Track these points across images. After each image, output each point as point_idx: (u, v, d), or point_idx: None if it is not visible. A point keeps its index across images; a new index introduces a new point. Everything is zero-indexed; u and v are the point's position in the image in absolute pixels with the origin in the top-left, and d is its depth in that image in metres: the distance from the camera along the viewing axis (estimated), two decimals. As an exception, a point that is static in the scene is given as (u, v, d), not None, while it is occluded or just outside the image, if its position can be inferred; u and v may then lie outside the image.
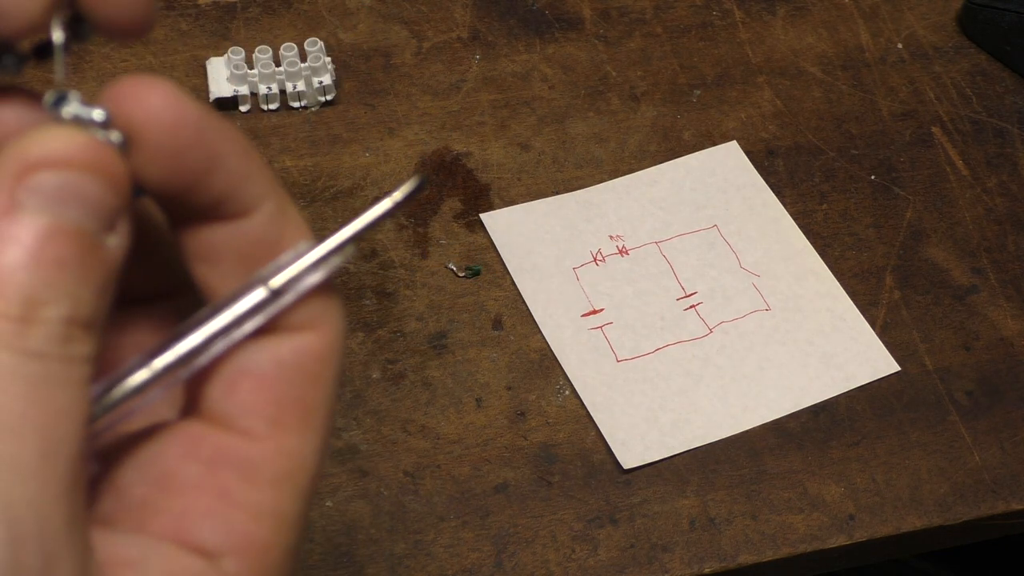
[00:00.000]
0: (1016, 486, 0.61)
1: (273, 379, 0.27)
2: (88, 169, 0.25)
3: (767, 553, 0.58)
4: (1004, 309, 0.67)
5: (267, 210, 0.27)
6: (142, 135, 0.26)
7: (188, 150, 0.26)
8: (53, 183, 0.24)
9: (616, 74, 0.76)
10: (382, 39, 0.76)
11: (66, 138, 0.24)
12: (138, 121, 0.25)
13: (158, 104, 0.26)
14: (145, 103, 0.26)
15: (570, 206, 0.69)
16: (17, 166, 0.24)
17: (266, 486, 0.27)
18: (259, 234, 0.28)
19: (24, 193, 0.24)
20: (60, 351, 0.24)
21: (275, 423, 0.27)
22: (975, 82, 0.77)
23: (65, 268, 0.24)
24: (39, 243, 0.24)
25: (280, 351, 0.27)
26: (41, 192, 0.24)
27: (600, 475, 0.60)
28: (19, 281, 0.23)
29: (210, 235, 0.27)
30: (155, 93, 0.26)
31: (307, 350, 0.28)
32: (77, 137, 0.25)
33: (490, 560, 0.57)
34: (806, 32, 0.79)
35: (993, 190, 0.72)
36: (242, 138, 0.27)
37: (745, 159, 0.72)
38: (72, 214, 0.24)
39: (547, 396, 0.62)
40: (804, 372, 0.64)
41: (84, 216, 0.24)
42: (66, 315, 0.24)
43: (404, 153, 0.71)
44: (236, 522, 0.27)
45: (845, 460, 0.61)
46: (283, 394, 0.27)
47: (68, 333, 0.24)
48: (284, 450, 0.27)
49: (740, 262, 0.68)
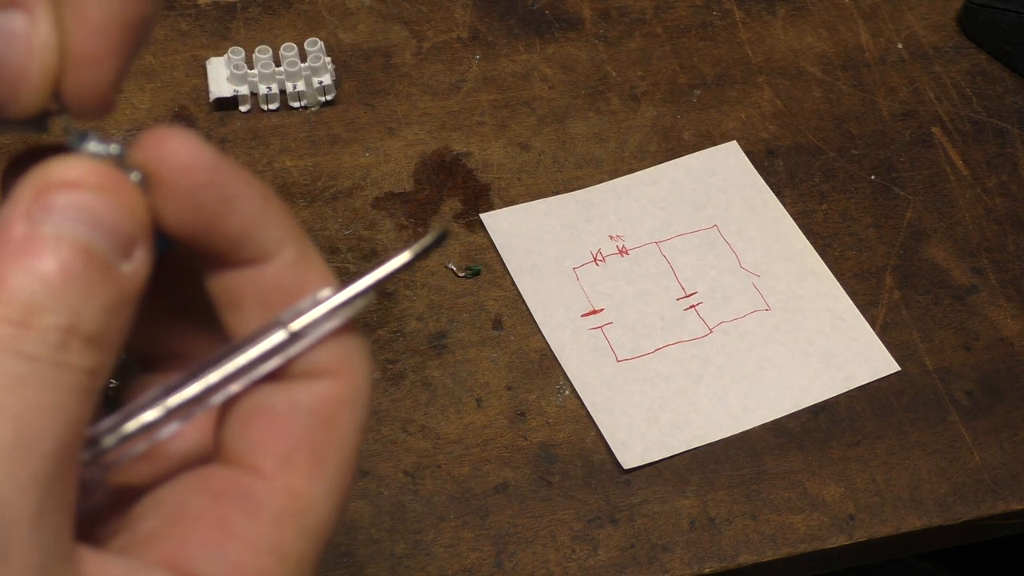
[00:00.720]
0: (1016, 486, 0.61)
1: (286, 419, 0.28)
2: (100, 191, 0.26)
3: (767, 553, 0.58)
4: (1004, 309, 0.67)
5: (288, 256, 0.29)
6: (159, 174, 0.27)
7: (202, 189, 0.27)
8: (67, 202, 0.26)
9: (616, 74, 0.76)
10: (382, 39, 0.76)
11: (82, 164, 0.27)
12: (155, 161, 0.27)
13: (175, 147, 0.27)
14: (163, 146, 0.27)
15: (570, 206, 0.69)
16: (36, 187, 0.26)
17: (268, 522, 0.28)
18: (279, 279, 0.29)
19: (39, 210, 0.26)
20: (52, 356, 0.25)
21: (284, 462, 0.28)
22: (975, 82, 0.77)
23: (69, 281, 0.25)
24: (45, 255, 0.25)
25: (295, 393, 0.28)
26: (54, 209, 0.26)
27: (600, 475, 0.60)
28: (21, 288, 0.25)
29: (231, 279, 0.29)
30: (173, 139, 0.28)
31: (324, 394, 0.29)
32: (92, 164, 0.27)
33: (490, 560, 0.57)
34: (806, 32, 0.79)
35: (993, 190, 0.72)
36: (261, 184, 0.29)
37: (745, 159, 0.72)
38: (82, 232, 0.26)
39: (547, 396, 0.62)
40: (804, 372, 0.64)
41: (94, 236, 0.26)
42: (64, 324, 0.25)
43: (404, 153, 0.71)
44: (233, 553, 0.27)
45: (845, 460, 0.61)
46: (295, 434, 0.28)
47: (64, 342, 0.25)
48: (291, 489, 0.28)
49: (740, 262, 0.68)
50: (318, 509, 0.28)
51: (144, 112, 0.71)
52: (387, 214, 0.68)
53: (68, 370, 0.25)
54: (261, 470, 0.28)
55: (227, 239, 0.28)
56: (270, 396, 0.29)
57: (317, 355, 0.29)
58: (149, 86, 0.72)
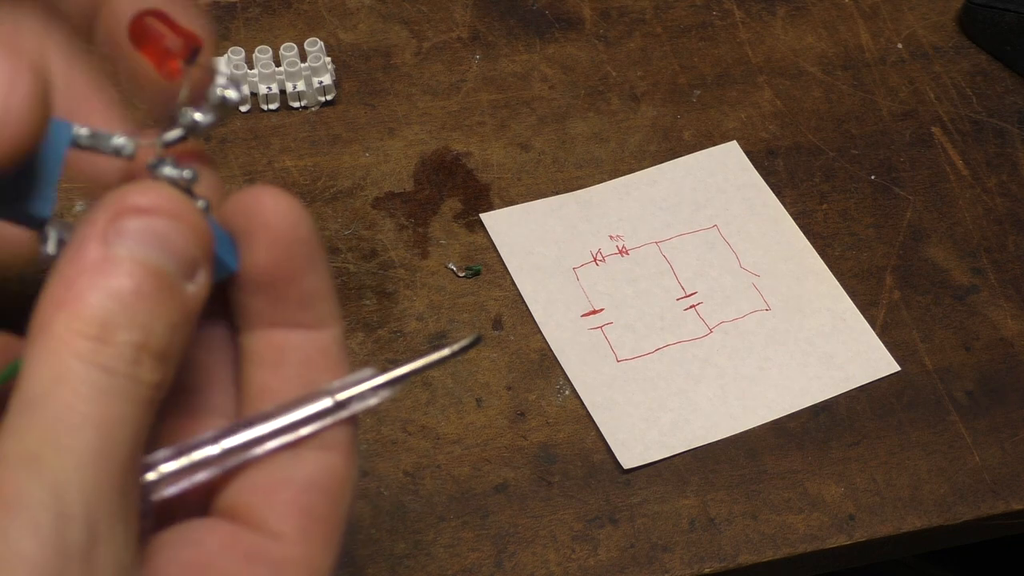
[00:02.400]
0: (1016, 486, 0.61)
1: (307, 492, 0.31)
2: (172, 218, 0.29)
3: (767, 553, 0.58)
4: (1004, 309, 0.67)
5: (337, 330, 0.32)
6: (263, 222, 0.31)
7: (299, 245, 0.31)
8: (140, 226, 0.29)
9: (616, 74, 0.76)
10: (382, 39, 0.76)
11: (156, 191, 0.29)
12: (260, 211, 0.31)
13: (281, 203, 0.31)
14: (268, 200, 0.31)
15: (570, 206, 0.69)
16: (113, 210, 0.29)
17: None
18: (329, 348, 0.32)
19: (114, 233, 0.28)
20: (127, 370, 0.28)
21: (305, 532, 0.31)
22: (975, 82, 0.77)
23: (141, 300, 0.28)
24: (120, 276, 0.28)
25: (312, 466, 0.31)
26: (129, 233, 0.28)
27: (600, 475, 0.60)
28: (98, 306, 0.28)
29: (280, 337, 0.32)
30: (279, 195, 0.31)
31: (335, 470, 0.32)
32: (165, 191, 0.29)
33: (490, 560, 0.57)
34: (806, 32, 0.79)
35: (993, 190, 0.72)
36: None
37: (745, 159, 0.72)
38: (153, 255, 0.28)
39: (547, 396, 0.62)
40: (804, 372, 0.64)
41: (164, 258, 0.29)
42: (137, 341, 0.28)
43: (404, 153, 0.71)
44: None
45: (845, 460, 0.61)
46: (314, 508, 0.31)
47: (137, 357, 0.28)
48: (311, 561, 0.31)
49: (740, 262, 0.68)
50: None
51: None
52: (387, 214, 0.68)
53: (140, 384, 0.28)
54: (285, 537, 0.31)
55: (300, 298, 0.31)
56: (290, 468, 0.31)
57: (338, 431, 0.32)
58: (149, 86, 0.72)
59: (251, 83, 0.71)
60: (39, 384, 0.27)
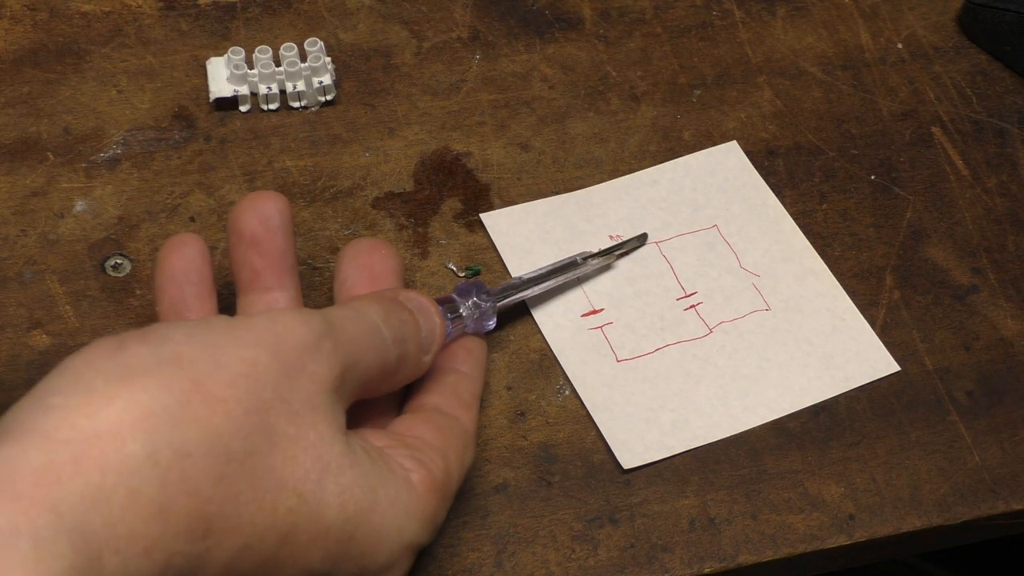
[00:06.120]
0: (1016, 486, 0.61)
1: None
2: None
3: (767, 553, 0.58)
4: (1004, 309, 0.67)
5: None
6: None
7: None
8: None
9: (616, 74, 0.76)
10: (382, 39, 0.76)
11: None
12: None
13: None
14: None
15: (570, 206, 0.69)
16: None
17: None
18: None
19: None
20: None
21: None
22: (975, 82, 0.77)
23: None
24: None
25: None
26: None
27: (600, 475, 0.60)
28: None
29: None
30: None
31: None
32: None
33: (490, 560, 0.57)
34: (806, 32, 0.79)
35: (993, 190, 0.72)
36: None
37: (745, 159, 0.72)
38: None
39: (547, 396, 0.62)
40: (804, 372, 0.64)
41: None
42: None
43: (404, 153, 0.71)
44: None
45: (845, 460, 0.61)
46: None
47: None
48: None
49: (740, 262, 0.68)
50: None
51: (144, 112, 0.71)
52: (387, 214, 0.68)
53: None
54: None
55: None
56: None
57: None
58: (149, 86, 0.72)
59: (251, 83, 0.71)
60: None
